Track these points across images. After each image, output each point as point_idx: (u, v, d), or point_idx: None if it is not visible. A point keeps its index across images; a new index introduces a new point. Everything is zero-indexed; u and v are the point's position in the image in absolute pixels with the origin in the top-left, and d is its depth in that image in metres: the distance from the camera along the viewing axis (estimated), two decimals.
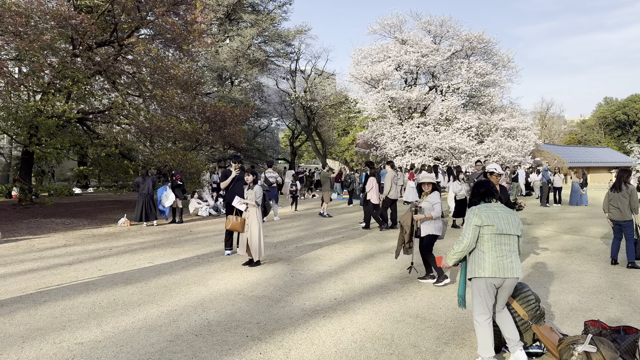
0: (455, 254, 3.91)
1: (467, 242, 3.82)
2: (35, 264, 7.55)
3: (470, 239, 3.81)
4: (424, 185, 6.70)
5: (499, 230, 3.75)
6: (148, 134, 13.75)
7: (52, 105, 12.61)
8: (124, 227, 12.30)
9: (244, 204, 7.58)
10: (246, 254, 7.63)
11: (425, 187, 6.67)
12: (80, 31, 12.18)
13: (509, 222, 3.82)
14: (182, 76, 15.39)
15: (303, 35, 33.66)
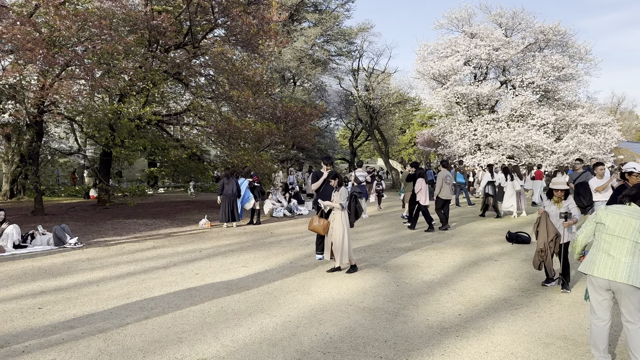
0: (574, 248, 4.14)
1: (582, 236, 3.99)
2: (131, 267, 7.49)
3: (585, 233, 3.95)
4: (556, 192, 6.07)
5: (613, 231, 3.72)
6: (226, 135, 13.69)
7: (132, 107, 12.80)
8: (206, 228, 12.27)
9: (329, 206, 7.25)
10: (331, 258, 7.27)
11: (559, 192, 6.05)
12: (161, 32, 12.25)
13: (629, 226, 3.67)
14: (254, 77, 15.31)
15: (365, 32, 33.08)
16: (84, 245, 9.43)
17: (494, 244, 9.54)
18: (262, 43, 14.37)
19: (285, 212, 14.99)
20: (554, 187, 6.08)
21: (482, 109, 28.53)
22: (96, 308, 5.34)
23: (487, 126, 26.59)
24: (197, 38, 15.43)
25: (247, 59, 15.09)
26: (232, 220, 12.53)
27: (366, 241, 9.94)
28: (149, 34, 13.85)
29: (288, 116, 16.18)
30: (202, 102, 15.30)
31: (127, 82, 12.33)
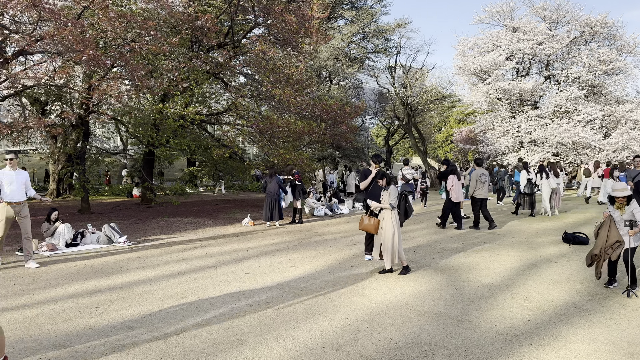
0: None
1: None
2: (181, 266, 7.48)
3: None
4: (617, 198, 5.73)
5: None
6: (268, 133, 13.65)
7: (176, 107, 12.90)
8: (249, 226, 12.25)
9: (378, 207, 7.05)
10: (381, 259, 7.06)
11: (621, 199, 5.70)
12: (204, 32, 12.29)
13: None
14: (294, 75, 15.21)
15: (403, 29, 32.60)
16: (133, 244, 9.53)
17: (550, 245, 9.11)
18: (302, 41, 14.25)
19: (326, 211, 14.84)
20: (615, 195, 5.74)
21: (525, 105, 27.66)
22: (152, 308, 5.30)
23: (531, 123, 25.75)
24: (237, 37, 15.46)
25: (288, 57, 15.01)
26: (274, 219, 12.49)
27: (414, 241, 9.68)
28: (192, 34, 13.95)
29: (327, 114, 16.01)
30: (243, 101, 15.32)
31: (171, 82, 12.42)
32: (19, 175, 7.48)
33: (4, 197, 7.27)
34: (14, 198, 7.33)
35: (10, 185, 7.29)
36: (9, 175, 7.36)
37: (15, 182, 7.34)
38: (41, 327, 4.65)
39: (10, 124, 10.00)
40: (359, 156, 30.45)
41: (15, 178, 7.38)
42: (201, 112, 15.77)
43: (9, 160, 7.45)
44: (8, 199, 7.29)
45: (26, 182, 7.55)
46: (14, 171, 7.41)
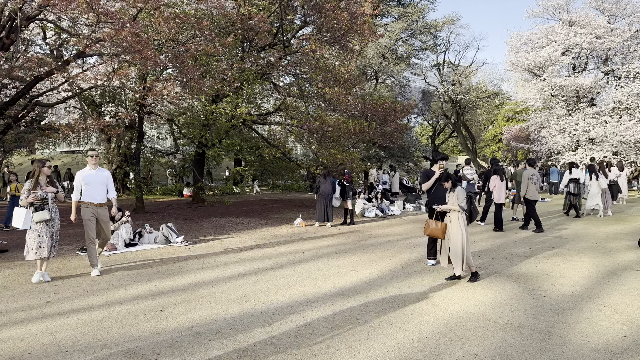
0: None
1: None
2: (240, 268, 7.36)
3: None
4: None
5: None
6: (319, 133, 13.46)
7: (228, 107, 12.91)
8: (301, 227, 12.09)
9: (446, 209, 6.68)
10: (447, 265, 6.69)
11: None
12: (257, 31, 12.22)
13: None
14: (344, 74, 14.97)
15: (452, 25, 31.87)
16: (190, 244, 9.53)
17: (626, 250, 8.48)
18: (353, 38, 13.97)
19: (377, 212, 14.51)
20: None
21: (581, 102, 26.35)
22: (217, 312, 5.17)
23: (589, 120, 24.49)
24: (286, 37, 15.36)
25: (339, 56, 14.77)
26: (327, 220, 12.30)
27: (476, 245, 9.23)
28: (243, 35, 13.94)
29: (377, 113, 15.68)
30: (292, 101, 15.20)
31: (223, 83, 12.43)
32: (100, 174, 7.02)
33: (83, 198, 6.88)
34: (95, 199, 6.88)
35: (89, 185, 6.86)
36: (89, 175, 6.92)
37: (95, 182, 6.91)
38: (109, 331, 4.58)
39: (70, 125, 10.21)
40: (405, 156, 29.89)
41: (95, 178, 6.94)
42: (250, 112, 15.79)
43: (92, 158, 6.97)
44: (89, 200, 6.86)
45: (107, 182, 7.06)
46: (94, 170, 6.98)
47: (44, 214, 6.35)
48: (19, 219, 6.30)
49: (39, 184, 6.51)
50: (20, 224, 6.27)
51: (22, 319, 4.91)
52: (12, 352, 4.04)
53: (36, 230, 6.38)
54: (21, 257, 8.25)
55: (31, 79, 11.47)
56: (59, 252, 8.67)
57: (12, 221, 6.53)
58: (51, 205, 6.54)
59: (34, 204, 6.35)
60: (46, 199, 6.46)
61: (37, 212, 6.30)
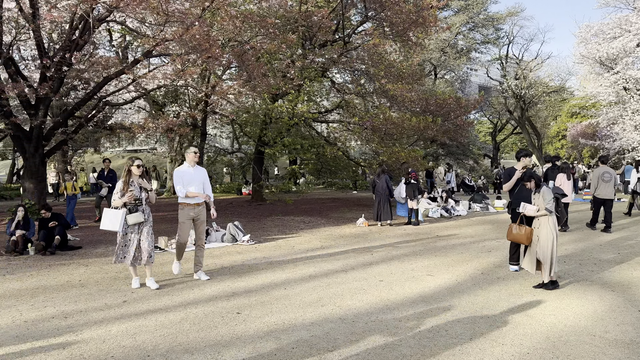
0: None
1: None
2: (309, 269, 7.15)
3: None
4: None
5: None
6: (382, 130, 13.08)
7: (290, 105, 12.78)
8: (364, 227, 11.77)
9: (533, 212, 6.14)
10: (535, 271, 6.14)
11: None
12: (321, 27, 12.00)
13: None
14: (407, 69, 14.50)
15: (515, 17, 30.44)
16: (255, 243, 9.45)
17: None
18: (419, 32, 13.47)
19: (442, 212, 13.95)
20: None
21: None
22: (294, 316, 4.95)
23: None
24: (347, 33, 15.07)
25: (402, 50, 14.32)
26: (383, 219, 11.97)
27: (559, 249, 8.55)
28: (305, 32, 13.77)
29: (442, 109, 15.09)
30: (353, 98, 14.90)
31: (285, 81, 12.31)
32: (199, 172, 6.48)
33: (180, 199, 6.35)
34: (193, 199, 6.37)
35: (189, 184, 6.31)
36: (188, 173, 6.36)
37: (195, 181, 6.36)
38: (188, 335, 4.46)
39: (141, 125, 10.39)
40: (464, 153, 28.83)
41: (195, 176, 6.39)
42: (310, 110, 15.63)
43: (193, 154, 6.38)
44: (187, 200, 6.34)
45: (205, 180, 6.51)
46: (192, 168, 6.41)
47: (138, 216, 5.87)
48: (110, 220, 5.83)
49: (132, 183, 5.97)
50: (112, 226, 5.80)
51: (101, 319, 4.89)
52: (95, 355, 3.98)
53: (127, 233, 5.92)
54: (95, 253, 8.45)
55: (100, 80, 11.80)
56: None
57: (103, 224, 5.89)
58: (144, 207, 6.02)
59: (127, 205, 5.90)
60: (140, 199, 5.96)
61: (131, 214, 5.84)
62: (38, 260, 7.85)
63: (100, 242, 9.59)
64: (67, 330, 4.52)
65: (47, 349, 4.07)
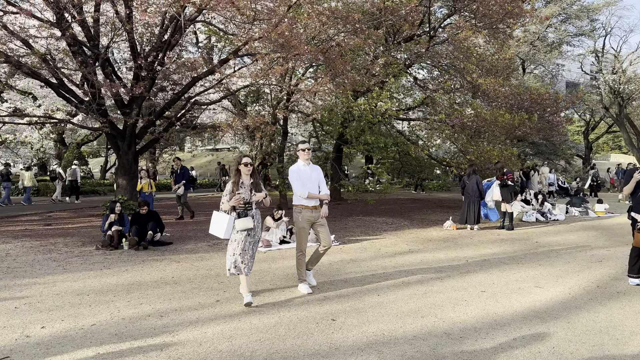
0: None
1: None
2: (401, 275, 6.74)
3: None
4: None
5: None
6: (472, 129, 12.35)
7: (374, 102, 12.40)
8: (452, 230, 11.15)
9: None
10: None
11: None
12: (409, 21, 11.52)
13: None
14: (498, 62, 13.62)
15: (613, 7, 27.96)
16: (340, 244, 9.19)
17: None
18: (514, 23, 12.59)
19: (538, 216, 12.95)
20: None
21: None
22: (393, 327, 4.58)
23: None
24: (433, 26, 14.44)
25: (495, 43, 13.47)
26: (470, 222, 11.26)
27: None
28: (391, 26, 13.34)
29: (537, 105, 14.03)
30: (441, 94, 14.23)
31: (369, 77, 11.94)
32: (314, 171, 5.86)
33: (295, 201, 5.80)
34: (310, 201, 5.75)
35: (305, 185, 5.71)
36: (304, 172, 5.76)
37: (311, 181, 5.75)
38: (285, 341, 4.23)
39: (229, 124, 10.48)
40: (555, 153, 26.91)
41: (311, 175, 5.78)
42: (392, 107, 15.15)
43: (304, 152, 5.83)
44: (304, 202, 5.73)
45: (321, 180, 5.89)
46: (307, 167, 5.81)
47: (247, 222, 5.16)
48: (219, 226, 5.23)
49: (242, 184, 5.30)
50: (220, 232, 5.21)
51: (196, 319, 4.80)
52: (193, 359, 3.84)
53: (235, 240, 5.21)
54: (185, 250, 8.57)
55: (189, 80, 12.08)
56: (217, 247, 8.86)
57: (211, 228, 5.33)
58: (254, 212, 5.32)
59: (236, 209, 5.22)
60: (250, 203, 5.25)
61: (240, 219, 5.15)
62: (132, 255, 8.07)
63: (189, 239, 9.77)
64: (163, 331, 4.46)
65: (146, 349, 4.01)
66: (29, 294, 5.64)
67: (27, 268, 7.05)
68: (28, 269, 7.01)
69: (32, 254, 8.14)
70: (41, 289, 5.86)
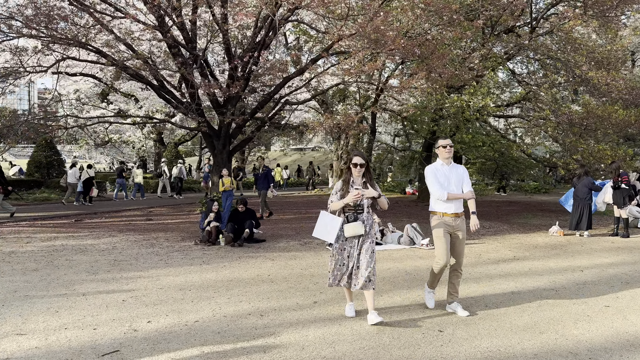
0: None
1: None
2: (509, 283, 6.22)
3: None
4: None
5: None
6: (583, 126, 11.31)
7: (473, 98, 11.76)
8: (559, 237, 10.27)
9: None
10: None
11: None
12: (513, 10, 10.77)
13: None
14: (611, 54, 12.39)
15: None
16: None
17: None
18: (630, 9, 11.36)
19: None
20: None
21: None
22: (509, 343, 4.16)
23: None
24: (535, 17, 13.46)
25: (608, 32, 12.26)
26: (584, 228, 10.27)
27: None
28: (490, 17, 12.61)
29: None
30: (542, 90, 13.21)
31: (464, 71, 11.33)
32: (455, 171, 4.90)
33: (433, 206, 4.95)
34: (450, 207, 4.82)
35: (444, 187, 4.80)
36: (443, 172, 4.88)
37: (451, 182, 4.84)
38: (390, 352, 3.97)
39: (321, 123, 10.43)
40: None
41: (451, 176, 4.86)
42: (490, 103, 14.33)
43: (445, 148, 4.87)
44: (443, 209, 4.84)
45: (464, 181, 4.90)
46: (448, 166, 4.91)
47: (357, 227, 4.49)
48: (325, 228, 4.63)
49: (352, 184, 4.61)
50: (325, 235, 4.61)
51: (296, 320, 4.68)
52: None
53: (344, 248, 4.62)
54: (278, 248, 8.59)
55: (280, 81, 12.19)
56: (308, 245, 8.79)
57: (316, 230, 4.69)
58: (366, 216, 4.60)
59: (345, 212, 4.61)
60: (361, 206, 4.56)
61: (349, 224, 4.50)
62: (228, 252, 8.22)
63: (280, 237, 9.82)
64: (265, 331, 4.38)
65: (249, 350, 3.93)
66: (135, 287, 5.85)
67: (132, 261, 7.39)
68: (133, 262, 7.35)
69: (136, 247, 8.56)
70: (146, 283, 6.07)
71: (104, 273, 6.60)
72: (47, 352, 3.82)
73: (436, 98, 12.07)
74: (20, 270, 6.70)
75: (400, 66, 13.50)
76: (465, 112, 11.31)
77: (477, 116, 11.75)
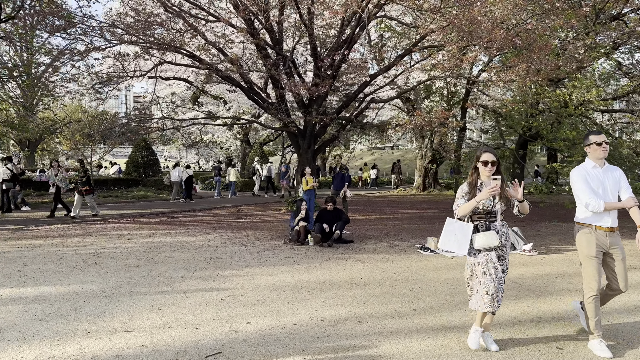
0: None
1: None
2: (632, 297, 5.56)
3: None
4: None
5: None
6: None
7: (575, 92, 10.84)
8: None
9: None
10: None
11: None
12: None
13: None
14: None
15: None
16: (539, 253, 8.13)
17: None
18: None
19: None
20: None
21: None
22: None
23: None
24: None
25: None
26: None
27: None
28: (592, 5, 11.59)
29: None
30: None
31: (569, 62, 10.44)
32: (610, 175, 3.97)
33: (580, 216, 4.05)
34: (603, 219, 3.88)
35: (597, 193, 3.88)
36: (594, 176, 3.94)
37: (606, 188, 3.93)
38: None
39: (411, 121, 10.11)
40: None
41: (605, 180, 3.93)
42: (594, 97, 13.16)
43: (601, 146, 3.93)
44: (594, 221, 3.90)
45: (622, 185, 3.97)
46: (601, 168, 3.95)
47: (490, 237, 3.75)
48: (455, 237, 3.89)
49: (480, 187, 3.85)
50: (455, 247, 3.88)
51: (396, 329, 4.45)
52: None
53: (479, 263, 3.85)
54: (367, 249, 8.39)
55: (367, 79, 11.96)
56: (398, 248, 8.51)
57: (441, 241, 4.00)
58: (500, 225, 3.87)
59: (473, 220, 3.87)
60: (494, 212, 3.84)
61: (480, 234, 3.78)
62: (317, 252, 8.15)
63: (368, 238, 9.63)
64: (364, 339, 4.19)
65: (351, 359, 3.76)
66: (231, 286, 5.92)
67: (227, 259, 7.53)
68: (228, 260, 7.49)
69: (229, 245, 8.75)
70: (242, 282, 6.13)
71: (201, 270, 6.76)
72: (153, 350, 3.90)
73: (534, 92, 11.25)
74: (124, 266, 7.04)
75: (494, 59, 12.77)
76: (569, 107, 10.42)
77: (581, 111, 10.79)
